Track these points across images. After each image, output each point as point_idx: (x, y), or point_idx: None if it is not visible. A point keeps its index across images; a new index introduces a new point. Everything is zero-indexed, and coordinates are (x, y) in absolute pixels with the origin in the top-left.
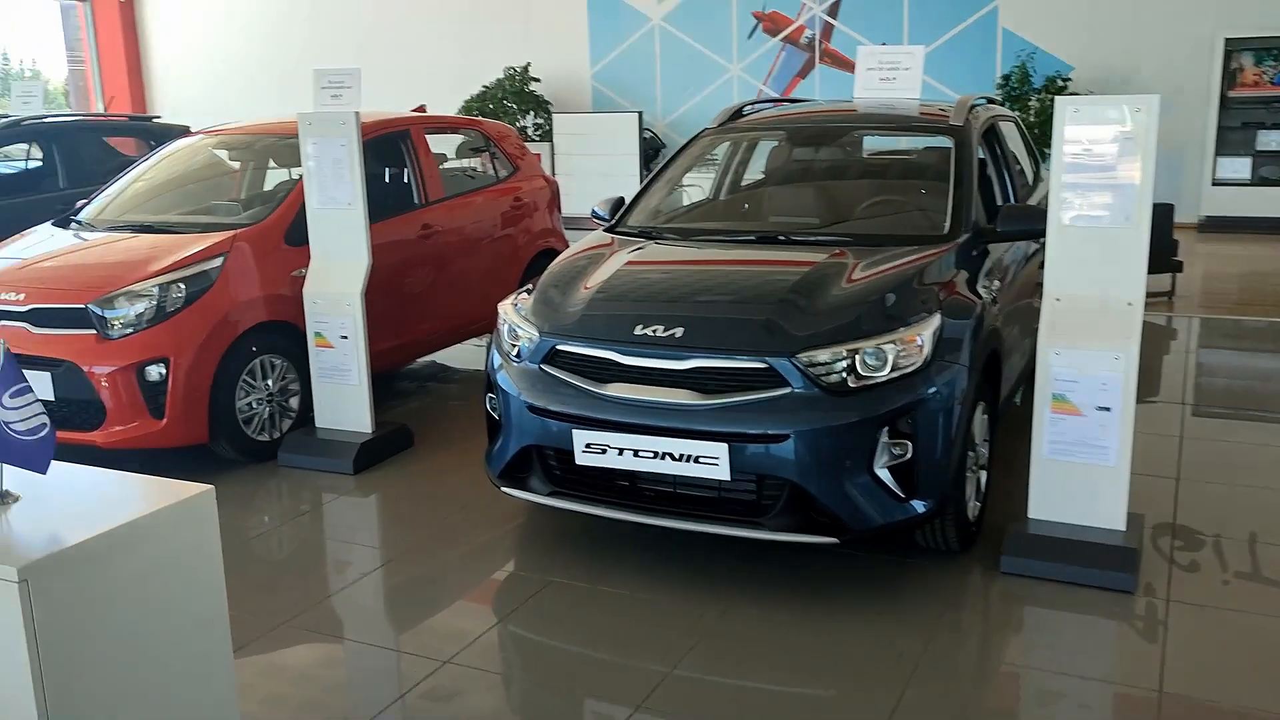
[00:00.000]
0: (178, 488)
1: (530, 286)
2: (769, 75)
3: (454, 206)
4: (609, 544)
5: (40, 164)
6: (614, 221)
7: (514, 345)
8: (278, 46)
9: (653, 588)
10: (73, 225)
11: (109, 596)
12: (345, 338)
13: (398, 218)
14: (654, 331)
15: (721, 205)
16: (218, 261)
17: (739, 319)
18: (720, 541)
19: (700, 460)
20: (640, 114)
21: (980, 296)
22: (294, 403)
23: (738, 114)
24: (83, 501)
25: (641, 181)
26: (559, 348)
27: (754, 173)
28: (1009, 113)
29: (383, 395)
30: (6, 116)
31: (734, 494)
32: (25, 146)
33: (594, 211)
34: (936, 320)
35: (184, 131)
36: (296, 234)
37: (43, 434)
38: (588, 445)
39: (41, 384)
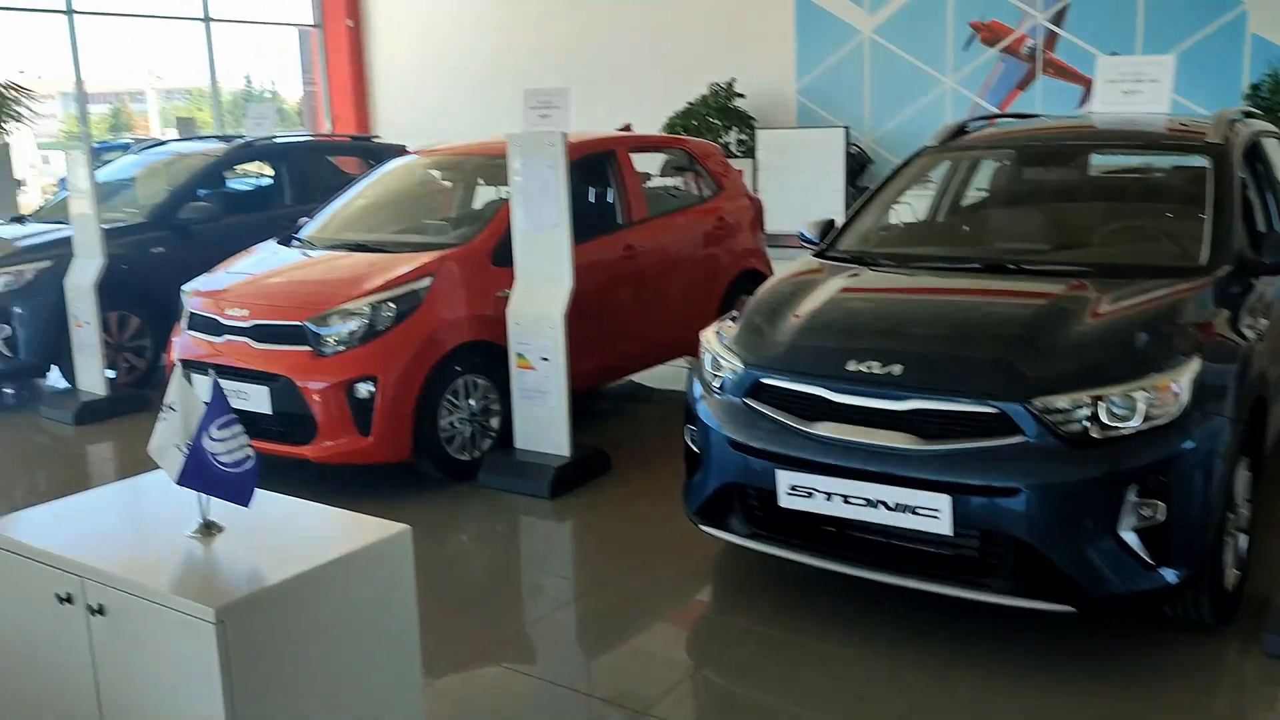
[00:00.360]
0: (375, 526)
1: (735, 314)
2: (984, 88)
3: (657, 227)
4: (811, 590)
5: (270, 182)
6: (824, 245)
7: (716, 376)
8: (495, 68)
9: (861, 644)
10: (294, 243)
11: (303, 636)
12: (546, 360)
13: (601, 239)
14: (869, 368)
15: (942, 229)
16: (426, 281)
17: (966, 357)
18: (933, 597)
19: (918, 511)
20: (847, 129)
21: (1244, 337)
22: (495, 423)
23: (960, 131)
24: (282, 536)
25: (846, 198)
26: (764, 381)
27: (977, 194)
28: (1275, 129)
29: (581, 415)
30: (242, 137)
31: (955, 550)
32: (257, 165)
33: (802, 234)
34: (1195, 365)
35: (400, 151)
36: (502, 254)
37: (247, 466)
38: (793, 487)
39: (260, 398)
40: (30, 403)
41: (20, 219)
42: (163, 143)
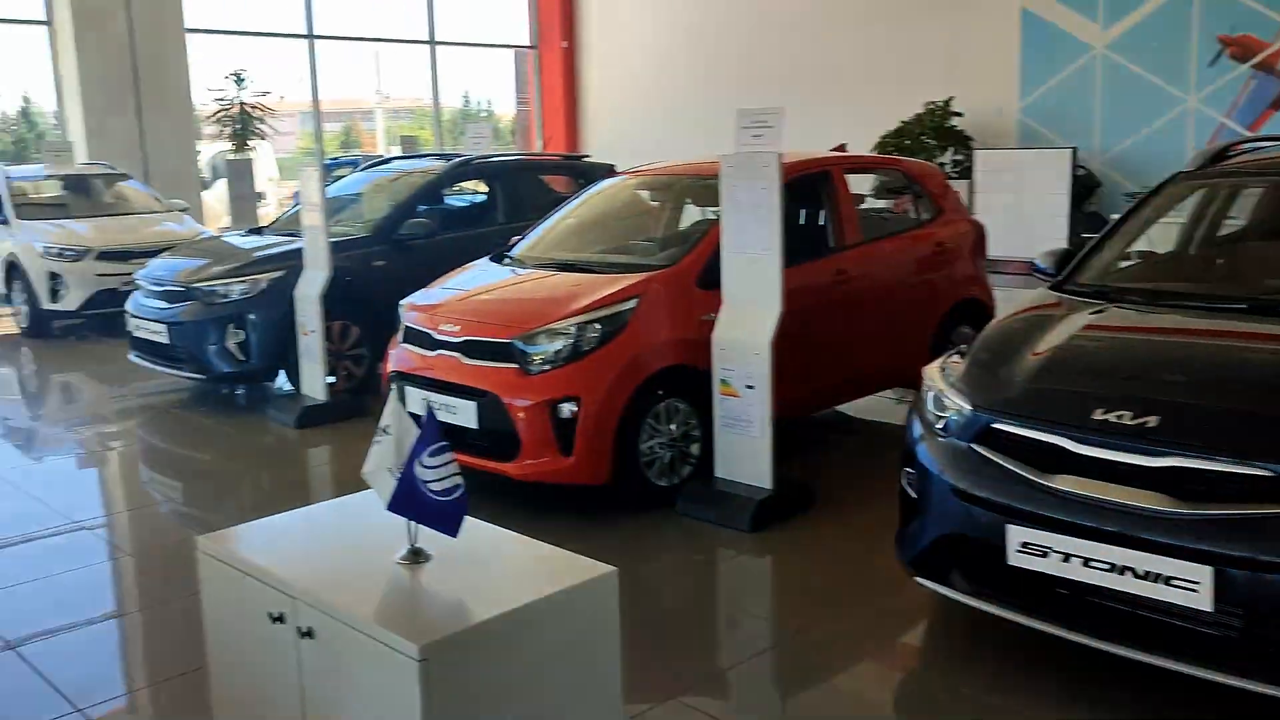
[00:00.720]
0: (582, 566)
1: (962, 349)
2: (1233, 107)
3: (870, 251)
4: (1038, 657)
5: (485, 199)
6: (1061, 277)
7: (940, 417)
8: (704, 88)
9: None
10: (506, 260)
11: (505, 675)
12: (751, 387)
13: (812, 263)
14: (1119, 417)
15: (1196, 263)
16: (632, 303)
17: (1236, 410)
18: (1180, 679)
19: (1173, 582)
20: (1074, 150)
21: None
22: (694, 449)
23: (1222, 155)
24: (488, 569)
25: (1071, 223)
26: (994, 425)
27: (1232, 225)
28: None
29: (784, 444)
30: (461, 155)
31: (1217, 629)
32: (473, 183)
33: (1035, 264)
34: None
35: (609, 170)
36: (709, 277)
37: (456, 495)
38: (1024, 545)
39: (467, 413)
40: (259, 405)
41: (258, 230)
42: (387, 160)
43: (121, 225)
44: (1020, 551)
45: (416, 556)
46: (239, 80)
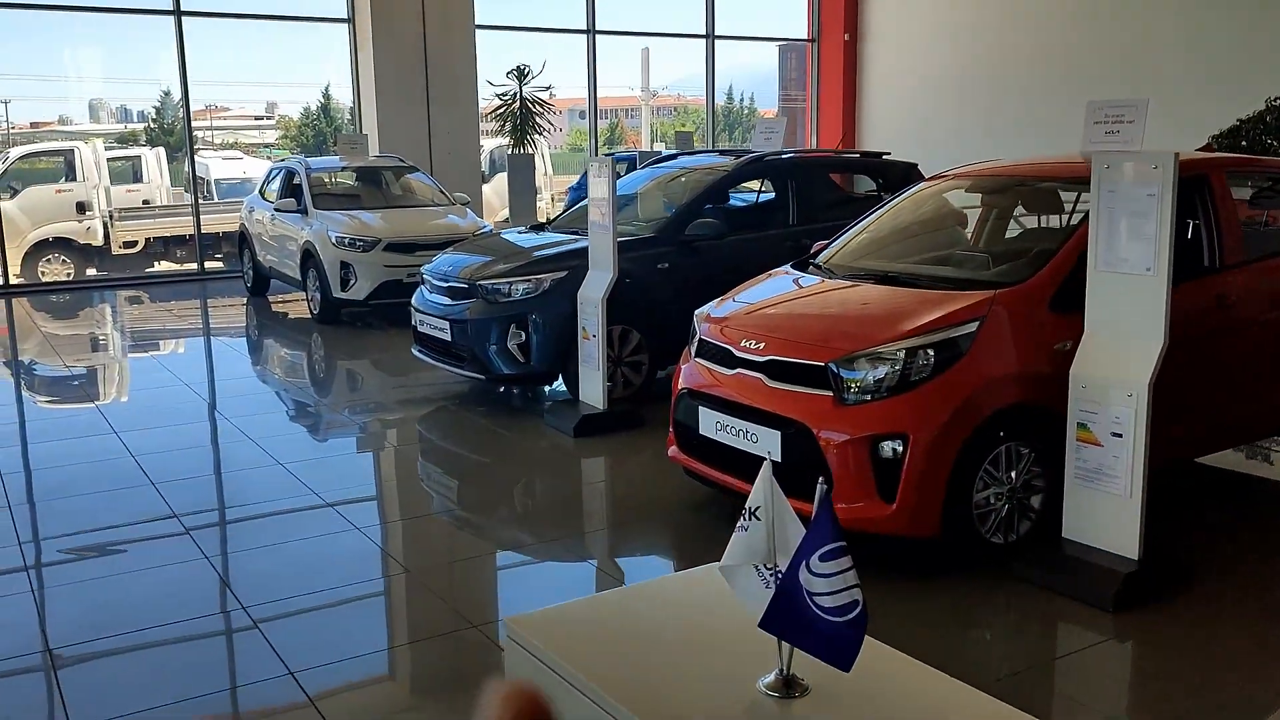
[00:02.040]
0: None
1: None
2: None
3: (1258, 271)
4: None
5: (773, 198)
6: None
7: None
8: (994, 82)
9: None
10: (812, 268)
11: None
12: (1119, 436)
13: (1189, 283)
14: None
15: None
16: (972, 327)
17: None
18: None
19: None
20: None
21: None
22: (1036, 502)
23: None
24: (886, 713)
25: None
26: None
27: None
28: None
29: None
30: (748, 152)
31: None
32: (760, 182)
33: None
34: None
35: (910, 168)
36: (1066, 298)
37: (854, 615)
38: None
39: (770, 443)
40: (534, 408)
41: (539, 227)
42: (669, 157)
43: (408, 217)
44: None
45: (789, 687)
46: (521, 75)
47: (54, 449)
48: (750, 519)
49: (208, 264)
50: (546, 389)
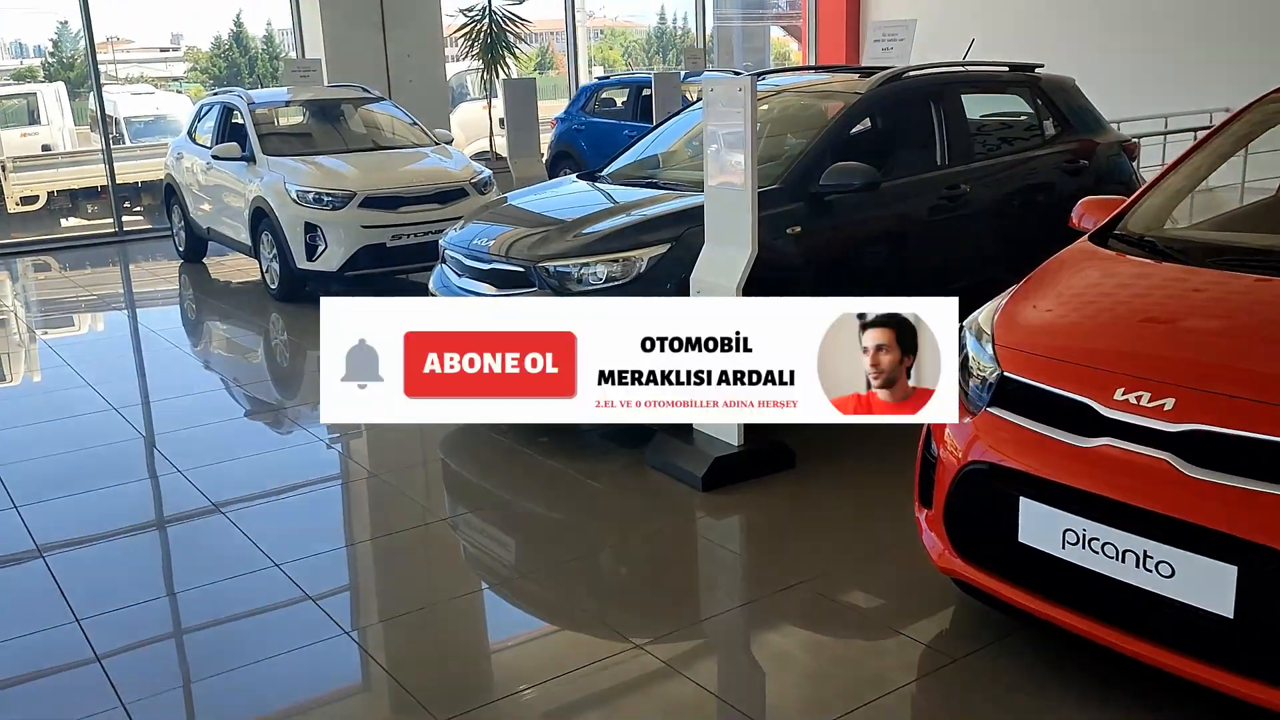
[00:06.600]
0: None
1: None
2: None
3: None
4: None
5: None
6: None
7: None
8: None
9: None
10: (1118, 247)
11: None
12: None
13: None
14: None
15: None
16: None
17: None
18: None
19: None
20: None
21: None
22: None
23: None
24: None
25: None
26: None
27: None
28: None
29: None
30: (861, 69)
31: None
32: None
33: None
34: None
35: (1068, 84)
36: None
37: None
38: None
39: (1209, 583)
40: (630, 442)
41: (591, 176)
42: (762, 73)
43: (386, 163)
44: None
45: None
46: None
47: None
48: None
49: (126, 221)
50: None
